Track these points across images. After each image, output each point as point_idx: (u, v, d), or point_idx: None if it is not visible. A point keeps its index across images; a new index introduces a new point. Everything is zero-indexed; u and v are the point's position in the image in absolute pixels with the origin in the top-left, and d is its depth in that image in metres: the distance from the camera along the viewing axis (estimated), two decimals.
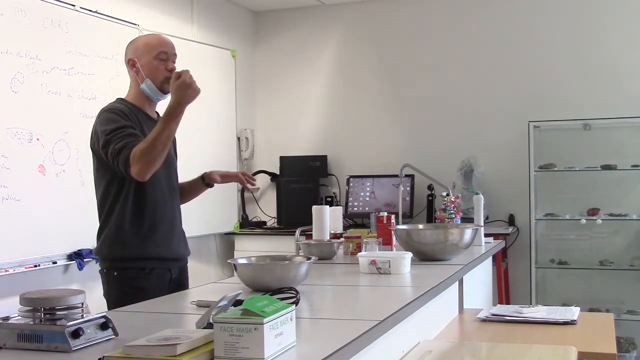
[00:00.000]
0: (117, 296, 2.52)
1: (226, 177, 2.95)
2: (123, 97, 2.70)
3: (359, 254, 2.69)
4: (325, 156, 5.87)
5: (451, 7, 5.65)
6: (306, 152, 5.93)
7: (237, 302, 1.52)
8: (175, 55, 2.69)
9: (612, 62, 5.23)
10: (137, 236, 2.57)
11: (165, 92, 2.64)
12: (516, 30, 5.48)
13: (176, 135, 2.87)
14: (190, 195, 2.93)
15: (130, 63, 2.66)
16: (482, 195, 3.57)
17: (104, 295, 2.60)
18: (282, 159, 5.88)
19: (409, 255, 2.62)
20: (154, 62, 2.62)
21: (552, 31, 5.38)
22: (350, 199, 5.60)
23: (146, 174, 2.43)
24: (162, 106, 2.66)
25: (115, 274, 2.56)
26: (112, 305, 2.49)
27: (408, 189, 5.41)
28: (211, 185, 2.92)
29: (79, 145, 3.99)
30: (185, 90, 2.43)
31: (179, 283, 2.69)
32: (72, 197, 3.93)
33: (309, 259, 2.22)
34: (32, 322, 1.46)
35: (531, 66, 5.41)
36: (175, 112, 2.44)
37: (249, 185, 2.94)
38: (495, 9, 5.54)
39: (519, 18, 5.48)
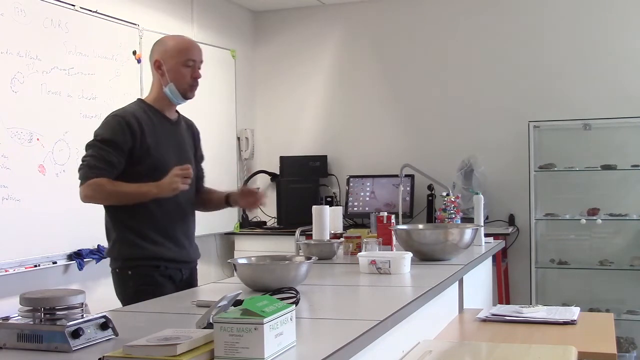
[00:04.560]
0: (134, 293, 2.52)
1: (242, 200, 2.91)
2: (143, 97, 2.73)
3: (359, 254, 2.69)
4: (325, 156, 5.87)
5: (451, 7, 5.65)
6: (306, 152, 5.93)
7: (237, 302, 1.52)
8: (202, 62, 2.69)
9: (612, 62, 5.23)
10: (150, 240, 2.59)
11: (187, 98, 2.67)
12: (516, 30, 5.48)
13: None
14: (211, 208, 2.97)
15: (156, 64, 2.66)
16: (482, 195, 3.57)
17: (117, 295, 2.63)
18: (282, 159, 5.88)
19: (409, 255, 2.62)
20: (180, 69, 2.63)
21: (553, 31, 5.38)
22: (350, 199, 5.60)
23: (87, 202, 2.54)
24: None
25: (130, 272, 2.59)
26: (127, 303, 2.48)
27: (408, 189, 5.41)
28: (232, 206, 2.94)
29: (79, 145, 3.97)
30: (169, 190, 2.48)
31: (189, 284, 2.72)
32: (72, 197, 3.88)
33: (309, 259, 2.22)
34: (32, 322, 1.46)
35: (531, 66, 5.41)
36: (152, 196, 2.50)
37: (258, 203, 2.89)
38: (495, 9, 5.54)
39: (519, 18, 5.48)
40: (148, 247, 2.59)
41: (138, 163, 2.56)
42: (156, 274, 2.59)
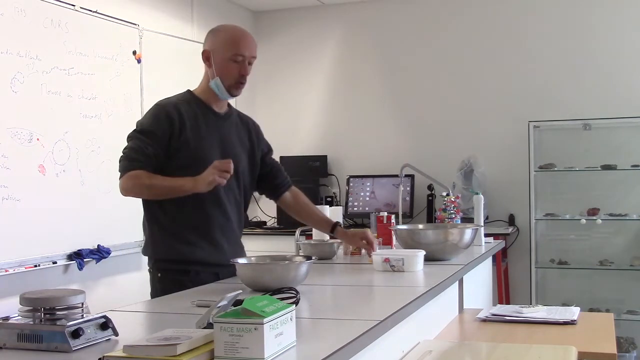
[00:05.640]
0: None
1: (351, 240, 2.86)
2: (192, 89, 2.61)
3: (373, 252, 2.69)
4: (325, 156, 5.87)
5: (451, 7, 5.65)
6: (306, 152, 5.93)
7: (237, 302, 1.52)
8: (254, 57, 2.57)
9: (612, 62, 5.23)
10: (183, 240, 2.49)
11: (232, 95, 2.57)
12: (516, 30, 5.48)
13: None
14: (305, 221, 2.87)
15: (204, 55, 2.56)
16: (482, 195, 3.57)
17: (151, 295, 2.52)
18: (282, 159, 5.87)
19: (422, 253, 2.63)
20: (228, 63, 2.51)
21: (553, 31, 5.38)
22: (350, 199, 5.60)
23: (126, 195, 2.43)
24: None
25: (160, 275, 2.51)
26: None
27: (408, 189, 5.41)
28: (336, 238, 2.89)
29: (79, 145, 4.00)
30: (204, 184, 2.33)
31: None
32: (72, 197, 3.93)
33: (309, 259, 2.22)
34: (32, 322, 1.46)
35: (531, 66, 5.42)
36: (187, 190, 2.37)
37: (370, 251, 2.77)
38: (495, 9, 5.54)
39: (519, 18, 5.48)
40: (179, 247, 2.49)
41: (176, 156, 2.46)
42: (185, 280, 2.43)
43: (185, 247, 2.50)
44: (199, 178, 2.34)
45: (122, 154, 2.46)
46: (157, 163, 2.44)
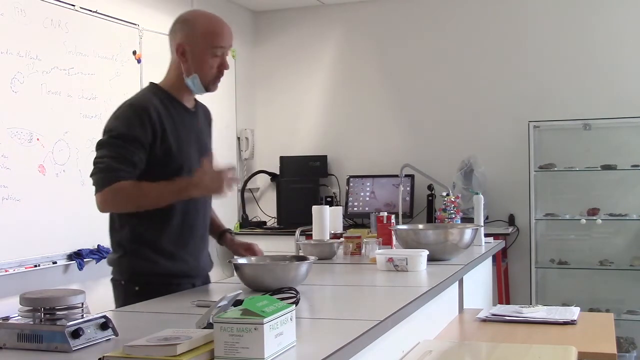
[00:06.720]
0: None
1: (236, 250, 2.54)
2: (157, 82, 2.36)
3: (377, 251, 2.69)
4: (325, 156, 5.86)
5: (451, 7, 5.65)
6: (306, 152, 5.93)
7: (237, 302, 1.52)
8: (231, 46, 2.33)
9: (611, 62, 5.23)
10: (166, 254, 2.30)
11: (210, 91, 2.34)
12: (516, 30, 5.48)
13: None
14: None
15: (179, 50, 2.29)
16: (482, 195, 3.57)
17: (117, 307, 2.27)
18: (282, 159, 5.88)
19: (425, 252, 2.63)
20: (207, 58, 2.27)
21: (552, 31, 5.38)
22: (350, 199, 5.60)
23: (106, 211, 2.25)
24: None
25: (137, 288, 2.28)
26: None
27: (408, 189, 5.41)
28: (221, 244, 2.63)
29: (79, 145, 4.00)
30: (212, 191, 2.21)
31: None
32: (72, 197, 3.93)
33: (308, 258, 2.22)
34: (32, 322, 1.46)
35: (531, 66, 5.41)
36: (187, 195, 2.20)
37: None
38: (495, 9, 5.54)
39: (519, 18, 5.48)
40: (162, 262, 2.29)
41: (157, 164, 2.23)
42: (164, 292, 2.21)
43: (168, 261, 2.31)
44: (201, 185, 2.17)
45: (96, 165, 2.19)
46: (139, 172, 2.20)
